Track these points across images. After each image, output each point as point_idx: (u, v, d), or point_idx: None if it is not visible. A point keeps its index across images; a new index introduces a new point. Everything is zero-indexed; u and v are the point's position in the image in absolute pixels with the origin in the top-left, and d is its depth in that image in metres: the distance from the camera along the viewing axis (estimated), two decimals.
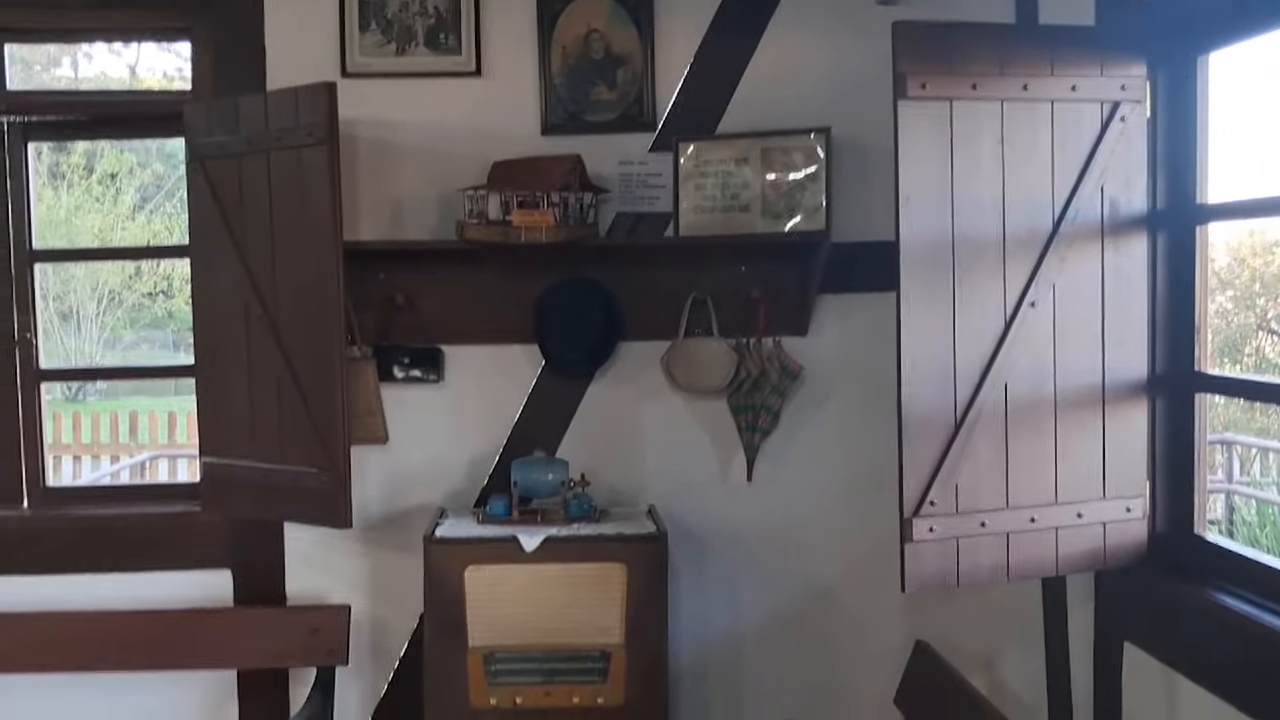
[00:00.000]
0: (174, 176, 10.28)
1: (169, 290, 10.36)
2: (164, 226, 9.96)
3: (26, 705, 3.56)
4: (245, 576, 3.60)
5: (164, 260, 10.18)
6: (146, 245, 9.11)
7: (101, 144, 8.72)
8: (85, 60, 7.86)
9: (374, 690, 3.63)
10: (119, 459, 8.19)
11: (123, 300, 10.11)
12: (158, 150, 9.96)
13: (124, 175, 9.95)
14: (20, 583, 3.55)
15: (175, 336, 10.51)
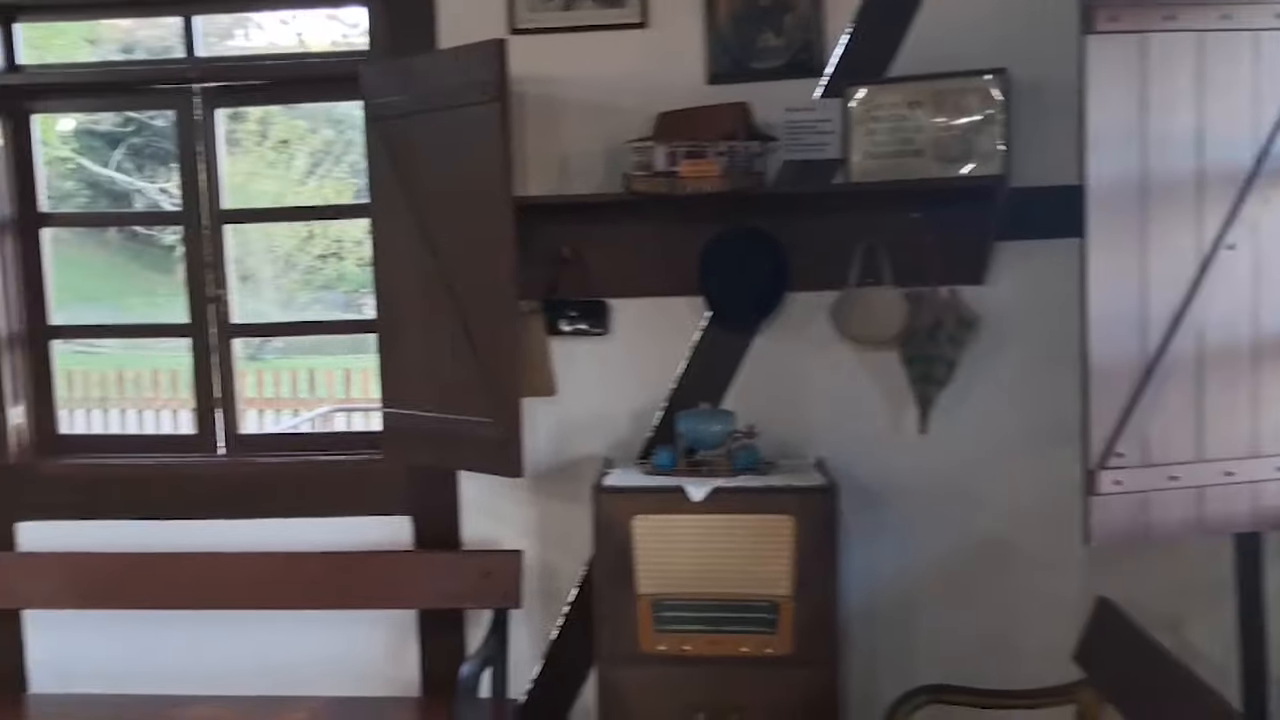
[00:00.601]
0: (342, 141, 10.67)
1: (340, 253, 10.78)
2: (334, 190, 10.36)
3: (226, 639, 3.80)
4: (423, 522, 3.74)
5: (335, 224, 10.58)
6: (327, 205, 9.50)
7: (275, 111, 9.13)
8: (257, 30, 8.15)
9: (544, 632, 3.73)
10: (298, 413, 8.62)
11: (296, 263, 10.59)
12: (326, 115, 10.35)
13: (296, 141, 10.39)
14: (219, 525, 3.78)
15: (345, 297, 10.95)
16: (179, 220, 3.82)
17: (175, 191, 10.92)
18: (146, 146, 10.80)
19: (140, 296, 10.93)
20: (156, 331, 5.70)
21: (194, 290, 3.83)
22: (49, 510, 3.84)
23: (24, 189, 3.79)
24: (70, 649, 3.87)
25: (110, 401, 9.10)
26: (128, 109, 4.41)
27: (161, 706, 3.54)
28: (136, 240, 11.23)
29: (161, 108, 3.95)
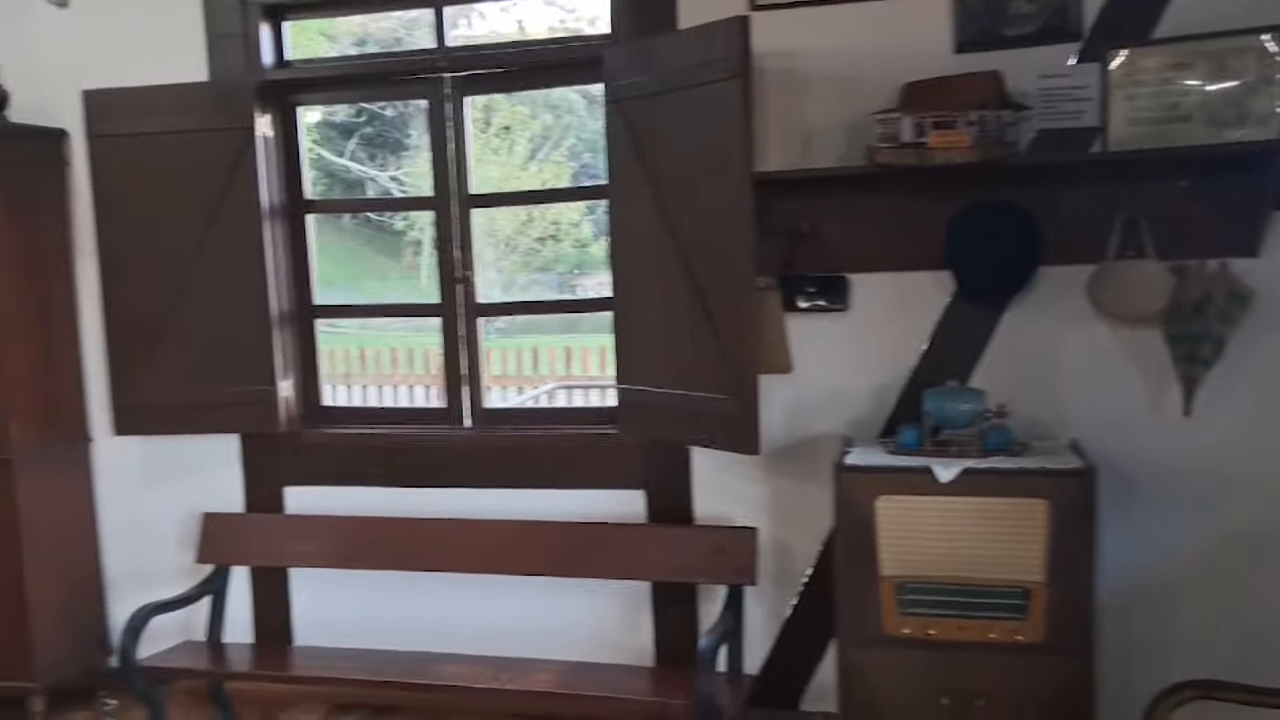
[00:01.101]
0: (560, 126, 10.95)
1: (557, 235, 11.09)
2: (552, 174, 10.65)
3: (472, 601, 3.99)
4: (656, 496, 3.80)
5: (553, 207, 10.87)
6: (566, 188, 9.78)
7: (498, 98, 9.41)
8: (479, 19, 8.42)
9: (778, 611, 3.73)
10: (522, 390, 8.94)
11: (516, 246, 10.95)
12: (544, 101, 10.63)
13: (517, 127, 10.73)
14: (466, 494, 3.96)
15: (560, 279, 11.25)
16: (429, 205, 4.00)
17: (405, 179, 11.43)
18: (377, 136, 11.37)
19: (374, 280, 11.56)
20: (409, 311, 6.00)
21: (443, 271, 4.00)
22: (313, 476, 4.12)
23: (290, 177, 4.05)
24: (330, 605, 4.14)
25: (352, 378, 9.68)
26: (382, 99, 4.65)
27: (415, 662, 3.73)
28: (369, 226, 11.86)
29: (413, 97, 4.14)
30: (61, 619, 4.16)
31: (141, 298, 3.96)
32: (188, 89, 3.86)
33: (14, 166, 3.96)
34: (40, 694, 4.07)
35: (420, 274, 12.01)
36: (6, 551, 3.98)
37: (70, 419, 4.25)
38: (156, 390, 3.99)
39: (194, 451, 4.20)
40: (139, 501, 4.32)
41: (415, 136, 11.24)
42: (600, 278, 11.17)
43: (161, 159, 3.87)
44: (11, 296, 3.95)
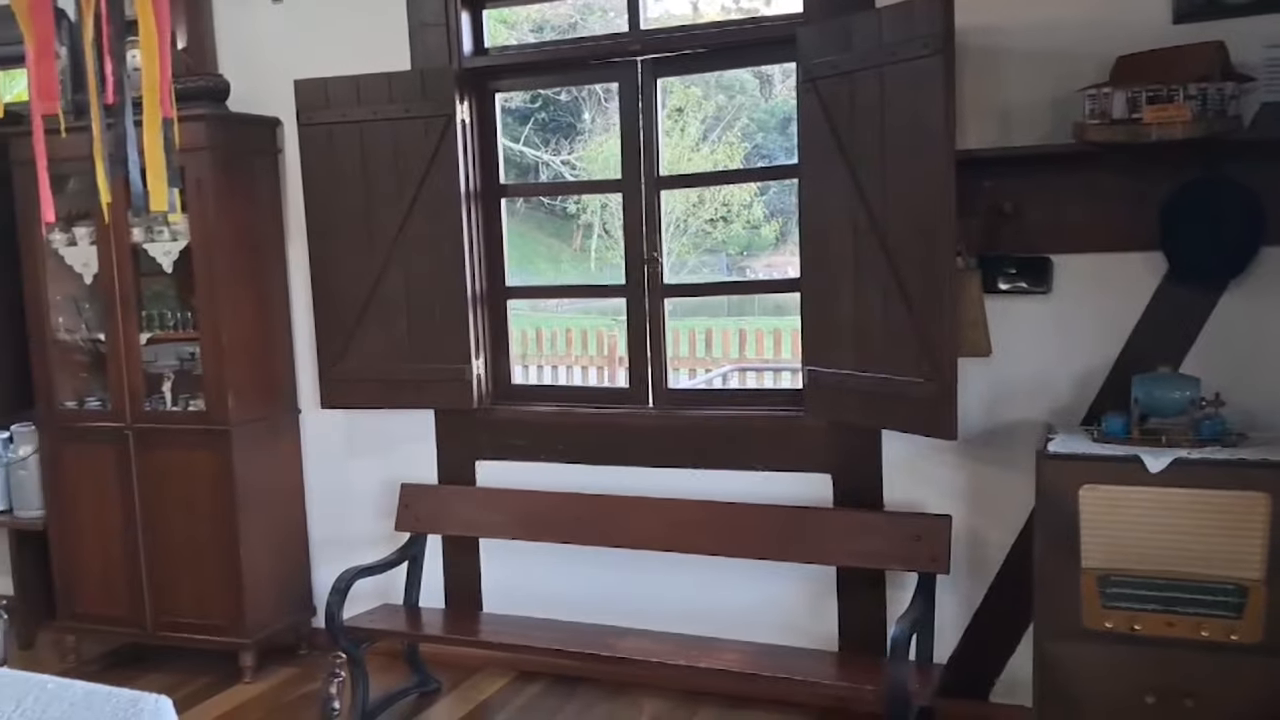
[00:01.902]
0: (732, 107, 10.92)
1: (728, 216, 11.08)
2: (724, 156, 10.64)
3: (655, 578, 4.05)
4: (844, 480, 3.77)
5: (725, 188, 10.86)
6: (757, 168, 9.73)
7: (671, 80, 9.47)
8: (654, 3, 8.47)
9: (969, 601, 3.66)
10: (695, 372, 8.99)
11: (686, 228, 10.99)
12: (716, 82, 10.62)
13: (690, 109, 10.75)
14: (650, 473, 4.02)
15: (729, 260, 11.24)
16: (618, 187, 4.05)
17: (576, 162, 11.57)
18: (550, 121, 11.59)
19: (546, 263, 11.80)
20: (597, 292, 6.13)
21: (629, 253, 4.05)
22: (503, 451, 4.25)
23: (486, 162, 4.17)
24: (517, 576, 4.27)
25: (528, 358, 9.93)
26: (575, 84, 4.75)
27: (601, 635, 3.81)
28: (540, 209, 12.11)
29: (606, 80, 4.20)
30: (271, 580, 4.42)
31: (347, 279, 4.16)
32: (392, 77, 4.02)
33: (234, 154, 4.20)
34: (251, 649, 4.34)
35: (590, 257, 12.21)
36: (224, 516, 4.26)
37: (281, 393, 4.51)
38: (359, 367, 4.19)
39: (392, 425, 4.40)
40: (341, 471, 4.55)
41: (588, 121, 11.40)
42: (770, 259, 11.11)
43: (366, 145, 4.05)
44: (231, 278, 4.21)
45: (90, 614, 4.54)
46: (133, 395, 4.32)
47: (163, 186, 2.75)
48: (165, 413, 4.35)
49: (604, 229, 11.89)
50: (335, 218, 4.14)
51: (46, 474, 4.60)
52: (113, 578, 4.45)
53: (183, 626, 4.37)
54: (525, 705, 4.09)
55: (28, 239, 4.42)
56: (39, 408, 4.56)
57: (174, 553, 4.34)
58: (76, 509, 4.50)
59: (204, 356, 4.23)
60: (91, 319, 4.56)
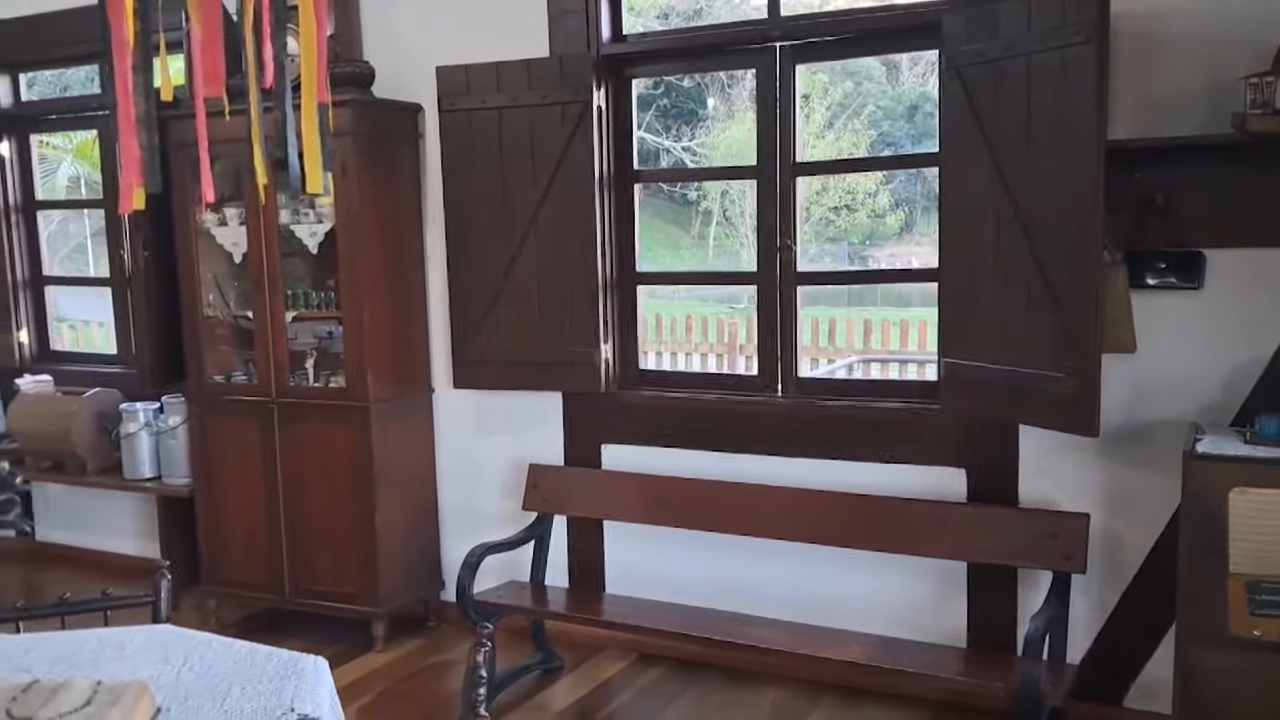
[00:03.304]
0: (858, 95, 10.79)
1: (852, 204, 10.95)
2: (850, 143, 10.52)
3: (779, 566, 4.05)
4: (977, 475, 3.71)
5: (849, 176, 10.73)
6: (894, 155, 9.67)
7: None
8: None
9: (1104, 602, 3.57)
10: (817, 362, 8.91)
11: (809, 215, 10.92)
12: (843, 69, 10.49)
13: (815, 95, 10.66)
14: (777, 462, 4.02)
15: (851, 250, 11.11)
16: (752, 174, 4.05)
17: (697, 149, 11.56)
18: (672, 108, 11.60)
19: (665, 250, 11.84)
20: (728, 279, 6.14)
21: (762, 240, 4.05)
22: (629, 435, 4.30)
23: (620, 148, 4.21)
24: (641, 559, 4.32)
25: (648, 344, 9.98)
26: (710, 70, 4.76)
27: (723, 621, 3.83)
28: (659, 196, 12.15)
29: (743, 67, 4.20)
30: (402, 552, 4.56)
31: (481, 263, 4.25)
32: (531, 64, 4.08)
33: (377, 140, 4.33)
34: (382, 619, 4.49)
35: (708, 244, 12.21)
36: (362, 490, 4.40)
37: (416, 372, 4.64)
38: (491, 348, 4.28)
39: (520, 406, 4.48)
40: (470, 449, 4.66)
41: (711, 108, 11.39)
42: (893, 249, 10.95)
43: (504, 131, 4.12)
44: (373, 261, 4.34)
45: (232, 579, 4.74)
46: (278, 371, 4.50)
47: (318, 169, 2.85)
48: (308, 389, 4.51)
49: (724, 216, 11.87)
50: (472, 203, 4.23)
51: (194, 444, 4.82)
52: (254, 545, 4.64)
53: (318, 594, 4.54)
54: (646, 688, 4.13)
55: (182, 219, 4.62)
56: (189, 381, 4.78)
57: (312, 523, 4.50)
58: (221, 478, 4.70)
59: (345, 336, 4.38)
60: (239, 297, 4.75)
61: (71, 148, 10.32)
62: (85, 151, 9.92)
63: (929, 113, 10.81)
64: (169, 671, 2.04)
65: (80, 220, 10.53)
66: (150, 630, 2.29)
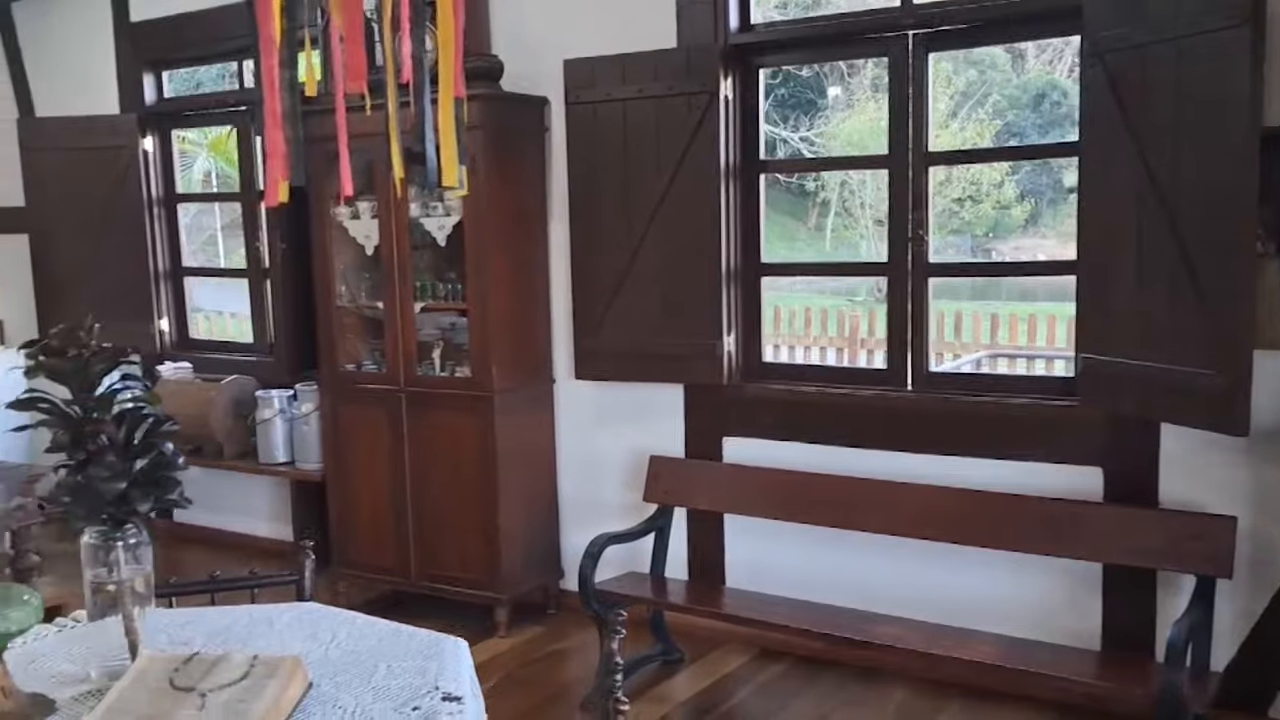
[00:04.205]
0: (982, 82, 10.53)
1: (976, 195, 10.71)
2: (974, 133, 10.28)
3: (906, 564, 3.98)
4: (1115, 474, 3.60)
5: (973, 167, 10.50)
6: (1029, 145, 9.53)
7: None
8: None
9: (1250, 609, 3.43)
10: (942, 357, 8.73)
11: (933, 207, 10.70)
12: (965, 57, 10.26)
13: (939, 85, 10.45)
14: (905, 457, 3.95)
15: (974, 242, 10.84)
16: (883, 164, 3.99)
17: (815, 139, 11.42)
18: (790, 97, 11.50)
19: (780, 241, 11.75)
20: (856, 270, 6.08)
21: (893, 230, 3.98)
22: (751, 429, 4.28)
23: (746, 138, 4.19)
24: (762, 553, 4.30)
25: (765, 337, 9.91)
26: (841, 59, 4.73)
27: (851, 619, 3.79)
28: (775, 187, 12.05)
29: (874, 55, 4.14)
30: (524, 540, 4.63)
31: (604, 254, 4.28)
32: (658, 55, 4.09)
33: (504, 133, 4.39)
34: (505, 605, 4.56)
35: (825, 235, 12.07)
36: (485, 478, 4.48)
37: (538, 363, 4.70)
38: (612, 340, 4.31)
39: (641, 397, 4.50)
40: (590, 440, 4.70)
41: (831, 97, 11.25)
42: (1018, 242, 10.67)
43: (629, 123, 4.14)
44: (499, 253, 4.41)
45: (360, 561, 4.88)
46: (406, 360, 4.60)
47: (454, 163, 2.90)
48: (434, 378, 4.61)
49: (843, 207, 11.72)
50: (596, 195, 4.26)
51: (325, 430, 4.96)
52: (381, 529, 4.76)
53: (443, 579, 4.64)
54: (767, 683, 4.11)
55: (318, 213, 4.76)
56: (321, 369, 4.92)
57: (438, 509, 4.60)
58: (351, 464, 4.84)
59: (471, 326, 4.46)
60: (369, 288, 4.88)
61: (206, 143, 10.73)
62: (219, 147, 10.30)
63: (1056, 101, 10.49)
64: (317, 648, 2.09)
65: (211, 214, 10.97)
66: (298, 608, 2.36)
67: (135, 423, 1.92)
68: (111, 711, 1.77)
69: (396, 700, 1.88)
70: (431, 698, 1.89)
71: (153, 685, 1.84)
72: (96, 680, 1.94)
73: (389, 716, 1.82)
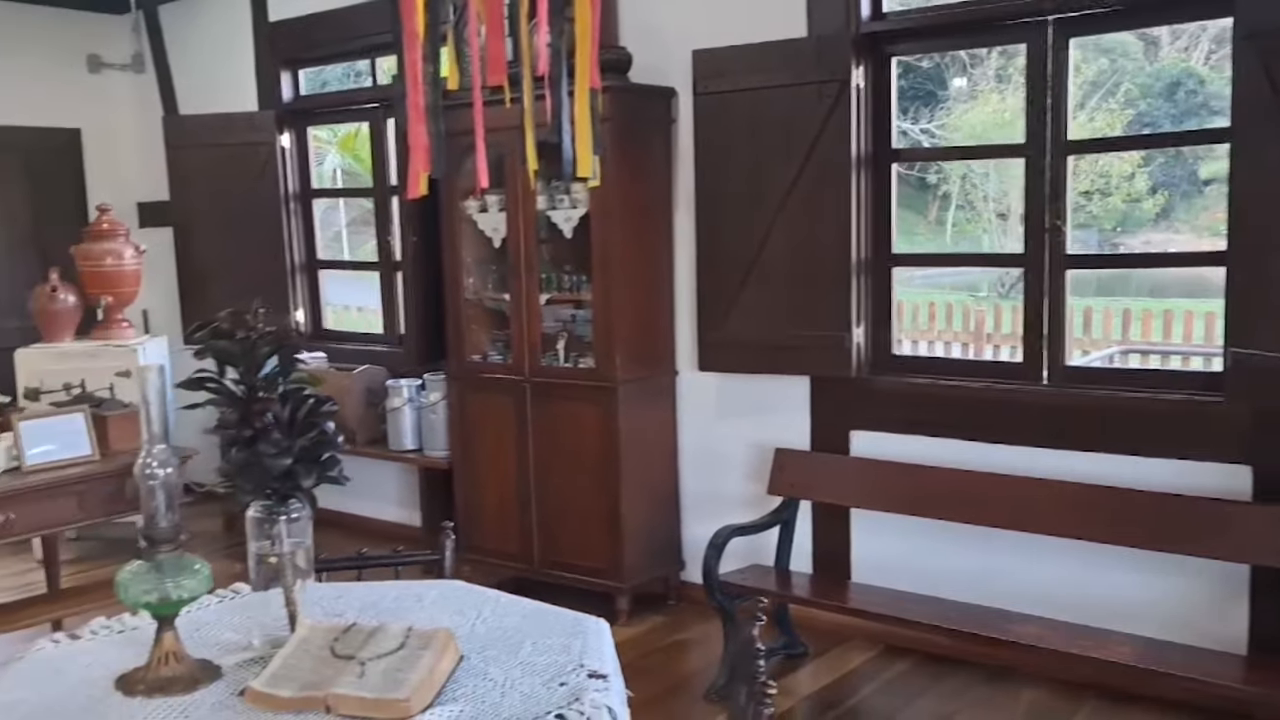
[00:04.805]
0: (1114, 72, 10.18)
1: (1105, 189, 10.36)
2: (1104, 123, 9.95)
3: (1041, 562, 3.90)
4: (1266, 472, 3.46)
5: (1102, 158, 10.17)
6: (1174, 132, 9.28)
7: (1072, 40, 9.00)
8: None
9: None
10: (1072, 353, 8.46)
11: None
12: (1095, 46, 9.95)
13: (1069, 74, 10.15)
14: (1040, 453, 3.86)
15: (1101, 236, 10.49)
16: (1020, 152, 3.91)
17: (937, 131, 11.18)
18: (909, 89, 11.29)
19: (900, 234, 11.49)
20: (990, 261, 5.96)
21: (1031, 220, 3.89)
22: (880, 422, 4.23)
23: (878, 127, 4.13)
24: (889, 548, 4.24)
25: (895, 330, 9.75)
26: (977, 46, 4.64)
27: (986, 616, 3.71)
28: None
29: (1012, 42, 4.05)
30: (645, 530, 4.65)
31: (730, 245, 4.27)
32: (788, 45, 4.07)
33: (632, 125, 4.42)
34: (626, 594, 4.59)
35: (946, 229, 11.82)
36: (607, 468, 4.52)
37: (662, 354, 4.72)
38: (737, 331, 4.30)
39: (765, 389, 4.48)
40: (712, 432, 4.70)
41: (953, 88, 11.01)
42: (1148, 235, 10.29)
43: (758, 113, 4.13)
44: (623, 245, 4.44)
45: (484, 547, 4.97)
46: (531, 351, 4.67)
47: (589, 154, 2.94)
48: (558, 369, 4.67)
49: (965, 200, 11.46)
50: (723, 185, 4.26)
51: (452, 419, 5.07)
52: (506, 516, 4.84)
53: (565, 566, 4.69)
54: (893, 680, 4.06)
55: (448, 206, 4.86)
56: (449, 360, 5.03)
57: (560, 497, 4.66)
58: (477, 452, 4.93)
59: (595, 318, 4.50)
60: (496, 280, 4.96)
61: (335, 141, 11.04)
62: (348, 144, 10.57)
63: (1192, 90, 10.08)
64: (464, 623, 2.15)
65: (336, 210, 11.27)
66: (442, 585, 2.42)
67: (298, 403, 2.00)
68: (277, 676, 1.84)
69: (544, 676, 1.92)
70: (578, 674, 1.92)
71: (315, 652, 1.91)
72: (259, 648, 2.03)
73: (537, 691, 1.86)
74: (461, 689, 1.86)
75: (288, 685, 1.81)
